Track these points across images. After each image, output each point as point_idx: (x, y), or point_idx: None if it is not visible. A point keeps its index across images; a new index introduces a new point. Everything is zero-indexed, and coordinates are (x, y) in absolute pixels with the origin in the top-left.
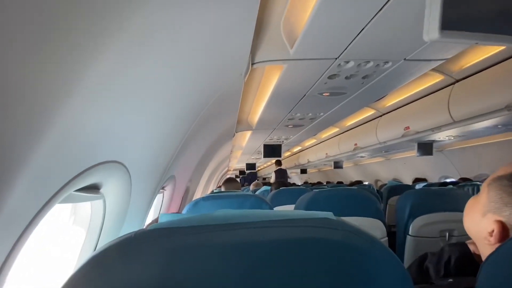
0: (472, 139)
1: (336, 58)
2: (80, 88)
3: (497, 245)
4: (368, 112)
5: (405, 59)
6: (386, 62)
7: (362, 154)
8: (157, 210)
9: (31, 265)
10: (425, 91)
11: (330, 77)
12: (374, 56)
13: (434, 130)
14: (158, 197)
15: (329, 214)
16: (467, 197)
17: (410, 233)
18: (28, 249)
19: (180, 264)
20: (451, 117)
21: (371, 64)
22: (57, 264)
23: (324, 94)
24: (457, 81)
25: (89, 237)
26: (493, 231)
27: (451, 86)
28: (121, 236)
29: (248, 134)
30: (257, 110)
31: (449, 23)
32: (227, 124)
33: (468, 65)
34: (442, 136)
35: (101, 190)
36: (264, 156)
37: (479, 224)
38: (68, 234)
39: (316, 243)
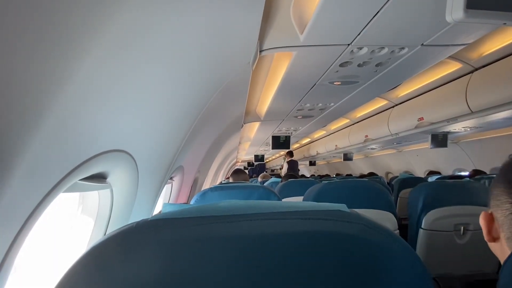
0: (491, 130)
1: (348, 44)
2: (78, 77)
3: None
4: (380, 103)
5: (422, 44)
6: (402, 48)
7: (373, 146)
8: (166, 200)
9: (36, 257)
10: (441, 80)
11: (341, 65)
12: (389, 41)
13: (450, 121)
14: (167, 187)
15: (342, 206)
16: (484, 190)
17: (422, 226)
18: (33, 239)
19: (181, 256)
20: (469, 107)
21: (385, 50)
22: (64, 255)
23: (335, 83)
24: (476, 69)
25: (97, 227)
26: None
27: (469, 75)
28: (123, 227)
29: (256, 125)
30: (266, 100)
31: (475, 2)
32: (235, 115)
33: (489, 52)
34: (458, 127)
35: (108, 180)
36: (273, 148)
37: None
38: (76, 223)
39: (329, 236)
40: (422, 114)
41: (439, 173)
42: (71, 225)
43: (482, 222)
